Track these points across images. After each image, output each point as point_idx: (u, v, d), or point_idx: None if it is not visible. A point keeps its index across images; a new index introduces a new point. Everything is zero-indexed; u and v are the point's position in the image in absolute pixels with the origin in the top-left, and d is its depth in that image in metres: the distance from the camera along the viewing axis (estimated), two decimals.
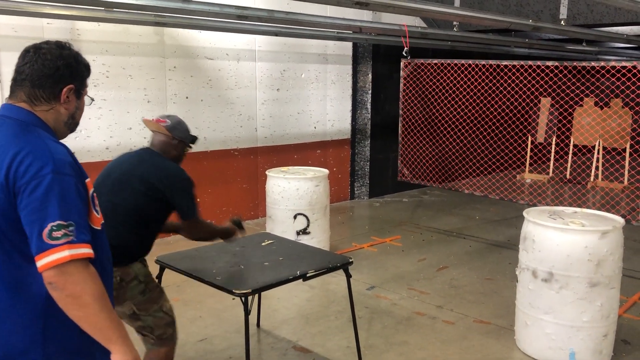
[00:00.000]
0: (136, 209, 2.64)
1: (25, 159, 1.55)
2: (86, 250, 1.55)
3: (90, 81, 1.84)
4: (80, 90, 1.77)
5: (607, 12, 7.09)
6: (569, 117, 9.38)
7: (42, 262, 1.50)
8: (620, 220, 3.63)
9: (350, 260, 3.28)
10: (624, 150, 9.02)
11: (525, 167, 9.57)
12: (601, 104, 9.47)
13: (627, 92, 5.26)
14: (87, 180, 1.69)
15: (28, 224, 1.53)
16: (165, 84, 6.11)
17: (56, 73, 1.68)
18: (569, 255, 3.40)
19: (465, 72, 5.87)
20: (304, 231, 5.18)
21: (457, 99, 6.16)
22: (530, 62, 5.22)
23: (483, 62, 5.48)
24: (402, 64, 6.08)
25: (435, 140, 6.34)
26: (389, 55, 8.05)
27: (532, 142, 9.68)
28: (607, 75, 5.22)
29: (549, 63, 5.11)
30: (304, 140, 7.58)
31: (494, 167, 7.06)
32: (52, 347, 1.62)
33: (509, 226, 6.83)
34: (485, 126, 6.74)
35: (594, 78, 5.22)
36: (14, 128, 1.63)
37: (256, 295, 3.80)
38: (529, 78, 5.54)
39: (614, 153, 9.24)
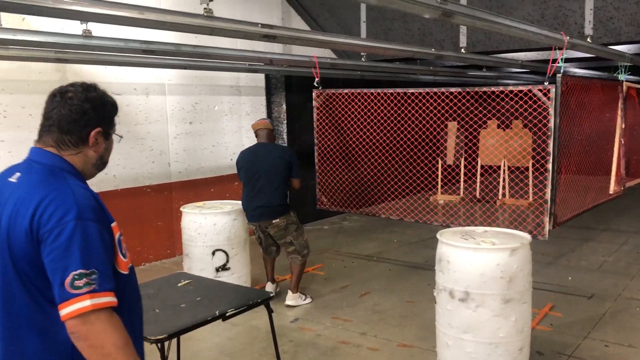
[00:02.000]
0: (283, 176, 4.98)
1: (50, 206, 1.54)
2: (109, 299, 1.53)
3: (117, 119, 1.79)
4: (108, 131, 1.78)
5: (503, 40, 7.56)
6: (475, 140, 9.85)
7: (64, 311, 1.50)
8: (527, 237, 3.81)
9: (271, 294, 3.22)
10: (527, 168, 9.57)
11: (437, 189, 9.91)
12: (503, 125, 10.03)
13: (525, 113, 5.58)
14: (113, 224, 1.68)
15: (51, 271, 1.52)
16: None
17: (83, 117, 1.69)
18: (482, 273, 3.51)
19: (375, 101, 6.02)
20: (224, 267, 5.05)
21: (369, 126, 6.30)
22: (435, 89, 5.43)
23: (391, 90, 5.64)
24: (314, 94, 6.15)
25: (351, 167, 6.44)
26: (302, 85, 8.14)
27: (442, 165, 10.07)
28: (507, 99, 5.52)
29: (453, 89, 5.34)
30: (221, 173, 7.46)
31: (408, 190, 7.25)
32: None
33: (426, 247, 7.01)
34: (398, 151, 6.93)
35: (495, 102, 5.51)
36: (41, 173, 1.64)
37: (174, 339, 3.63)
38: (435, 104, 5.76)
39: (517, 172, 9.77)
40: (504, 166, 9.73)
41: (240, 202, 5.39)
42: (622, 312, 4.84)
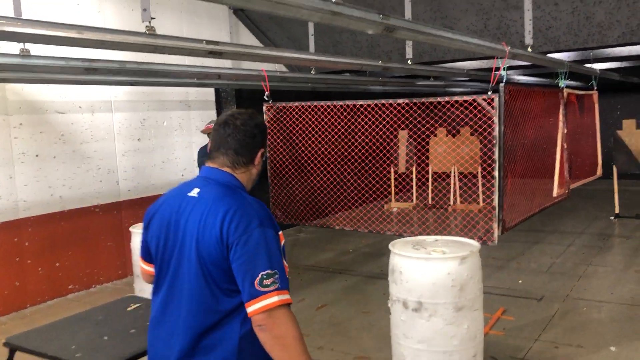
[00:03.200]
0: None
1: (235, 216, 1.80)
2: (288, 297, 1.77)
3: None
4: (265, 151, 2.07)
5: (449, 50, 7.73)
6: (426, 147, 10.02)
7: (254, 307, 1.73)
8: (476, 245, 3.88)
9: None
10: (476, 174, 9.79)
11: (391, 197, 10.02)
12: (452, 133, 10.24)
13: (471, 123, 5.71)
14: (280, 232, 1.89)
15: (241, 272, 1.76)
16: (11, 142, 5.63)
17: (253, 141, 1.99)
18: (435, 283, 3.55)
19: (326, 113, 6.06)
20: None
21: (321, 138, 6.32)
22: (383, 101, 5.50)
23: (341, 102, 5.68)
24: (264, 108, 6.14)
25: (305, 179, 6.44)
26: (252, 99, 8.10)
27: (394, 173, 10.19)
28: (452, 109, 5.64)
29: (400, 101, 5.42)
30: None
31: (362, 199, 7.31)
32: None
33: (381, 256, 7.06)
34: (350, 162, 6.98)
35: (443, 111, 5.64)
36: (220, 189, 1.91)
37: None
38: (384, 115, 5.83)
39: (468, 178, 9.98)
40: (454, 172, 9.93)
41: None
42: (571, 313, 4.99)
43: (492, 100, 4.94)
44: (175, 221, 1.92)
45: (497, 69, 5.16)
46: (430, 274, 3.57)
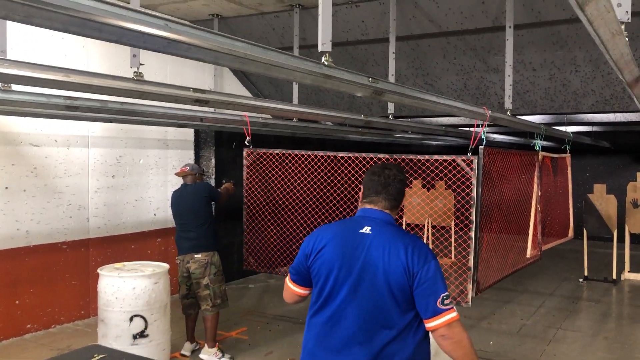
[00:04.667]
0: (206, 212, 5.40)
1: (415, 249, 2.26)
2: (457, 313, 2.25)
3: None
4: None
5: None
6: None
7: (437, 322, 2.20)
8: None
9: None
10: (450, 227, 9.85)
11: None
12: (428, 185, 10.34)
13: (447, 177, 5.75)
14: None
15: (425, 295, 2.21)
16: None
17: (403, 190, 2.49)
18: None
19: (305, 162, 6.06)
20: (142, 334, 4.77)
21: (299, 186, 6.30)
22: (364, 154, 5.53)
23: (321, 153, 5.70)
24: (244, 153, 6.11)
25: (280, 227, 6.37)
26: (232, 141, 8.09)
27: None
28: (428, 164, 5.69)
29: (381, 155, 5.46)
30: (143, 229, 7.18)
31: None
32: None
33: None
34: (327, 211, 6.95)
35: (420, 163, 5.71)
36: (391, 228, 2.37)
37: None
38: (362, 165, 5.85)
39: (440, 233, 10.03)
40: (428, 225, 9.97)
41: (162, 264, 5.21)
42: None
43: (472, 161, 5.00)
44: (350, 253, 2.32)
45: (479, 126, 5.26)
46: None
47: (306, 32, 6.71)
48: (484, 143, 5.16)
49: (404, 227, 10.10)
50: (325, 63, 2.76)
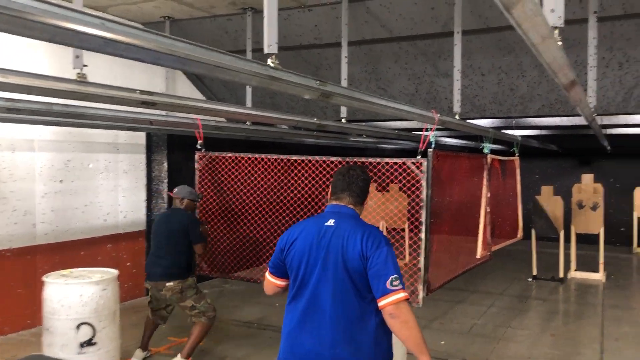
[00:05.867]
0: (182, 242, 5.08)
1: (370, 237, 2.51)
2: (407, 293, 2.44)
3: None
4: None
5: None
6: None
7: (386, 301, 2.41)
8: None
9: None
10: (403, 229, 9.98)
11: None
12: (380, 188, 10.45)
13: (399, 178, 5.82)
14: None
15: (376, 276, 2.44)
16: None
17: (366, 188, 2.78)
18: None
19: (259, 165, 6.04)
20: (89, 342, 4.65)
21: (253, 190, 6.27)
22: (317, 157, 5.56)
23: (274, 156, 5.69)
24: (196, 157, 6.04)
25: (234, 231, 6.32)
26: (185, 144, 7.97)
27: None
28: (379, 167, 5.76)
29: (334, 158, 5.50)
30: (93, 235, 7.00)
31: None
32: (379, 357, 2.54)
33: None
34: (281, 214, 6.94)
35: (372, 166, 5.76)
36: (352, 219, 2.64)
37: None
38: (315, 168, 5.88)
39: (391, 235, 10.15)
40: (382, 227, 10.06)
41: (111, 270, 5.10)
42: None
43: (421, 164, 5.09)
44: (317, 244, 2.58)
45: (428, 130, 5.35)
46: None
47: (260, 35, 6.69)
48: (433, 146, 5.26)
49: None
50: (272, 65, 2.76)
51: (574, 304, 8.08)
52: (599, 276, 9.18)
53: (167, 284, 5.01)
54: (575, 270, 9.41)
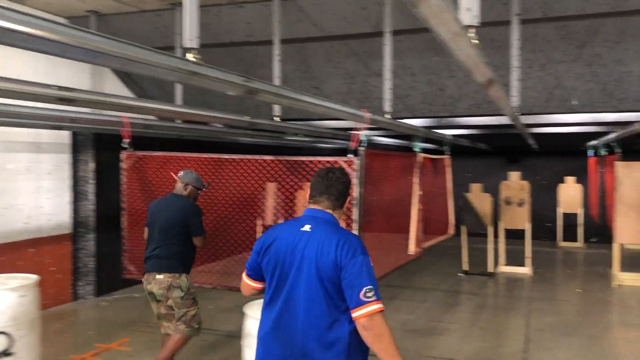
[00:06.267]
0: (178, 232, 4.55)
1: (345, 245, 2.42)
2: (383, 305, 2.38)
3: None
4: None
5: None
6: (293, 200, 10.12)
7: (359, 312, 2.34)
8: None
9: None
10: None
11: None
12: None
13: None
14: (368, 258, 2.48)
15: (350, 287, 2.37)
16: None
17: (346, 191, 2.68)
18: None
19: (190, 165, 5.90)
20: (6, 353, 4.40)
21: None
22: (249, 156, 5.49)
23: (205, 155, 5.58)
24: (123, 156, 5.84)
25: None
26: (113, 143, 7.69)
27: (262, 225, 10.13)
28: (315, 162, 5.75)
29: (267, 157, 5.45)
30: (13, 239, 6.63)
31: (227, 252, 7.12)
32: None
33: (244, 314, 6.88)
34: (215, 214, 6.81)
35: (305, 164, 5.76)
36: (328, 225, 2.54)
37: None
38: (252, 168, 5.81)
39: None
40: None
41: (31, 275, 4.84)
42: None
43: (353, 163, 5.12)
44: (292, 250, 2.51)
45: (359, 129, 5.39)
46: None
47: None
48: (364, 145, 5.30)
49: None
50: (193, 60, 2.69)
51: (502, 297, 8.37)
52: (526, 270, 9.56)
53: (157, 276, 4.52)
54: (504, 264, 9.76)
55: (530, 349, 5.80)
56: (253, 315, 3.64)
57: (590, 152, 12.71)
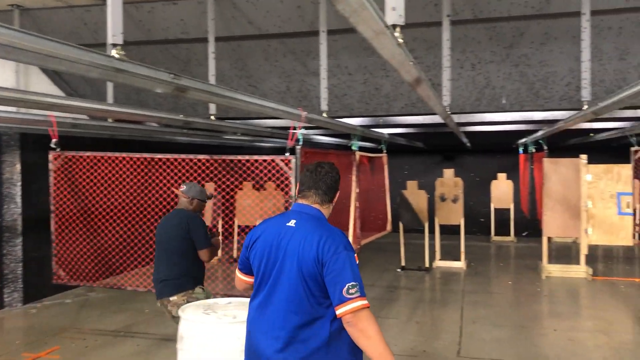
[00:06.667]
0: (181, 247, 4.21)
1: (327, 241, 2.40)
2: (367, 302, 2.35)
3: None
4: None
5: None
6: (232, 200, 10.03)
7: (343, 309, 2.32)
8: None
9: None
10: None
11: None
12: (257, 186, 10.42)
13: (277, 175, 5.83)
14: (355, 255, 2.45)
15: (332, 284, 2.36)
16: None
17: (335, 185, 2.65)
18: (223, 349, 3.45)
19: (122, 165, 5.73)
20: None
21: (116, 191, 5.94)
22: (183, 156, 5.39)
23: (138, 155, 5.44)
24: (51, 157, 5.61)
25: (96, 235, 5.96)
26: (42, 143, 7.38)
27: None
28: (252, 161, 5.72)
29: (201, 156, 5.36)
30: None
31: None
32: None
33: None
34: (150, 215, 6.65)
35: (242, 163, 5.70)
36: (313, 220, 2.53)
37: None
38: (188, 168, 5.70)
39: None
40: (235, 224, 10.02)
41: None
42: None
43: (289, 161, 5.12)
44: (276, 244, 2.51)
45: (295, 129, 5.40)
46: (218, 340, 3.46)
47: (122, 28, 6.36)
48: (301, 143, 5.32)
49: (235, 229, 10.07)
50: (117, 56, 2.61)
51: (438, 292, 8.59)
52: (460, 264, 9.84)
53: (171, 299, 4.17)
54: (440, 259, 10.02)
55: (464, 341, 5.98)
56: (187, 318, 3.57)
57: (520, 150, 13.24)
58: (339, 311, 2.34)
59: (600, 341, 5.92)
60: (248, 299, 4.13)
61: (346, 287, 2.32)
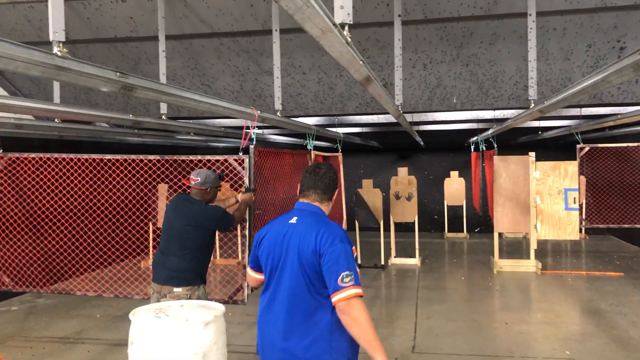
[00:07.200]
0: (197, 239, 4.22)
1: (325, 234, 2.63)
2: (361, 290, 2.54)
3: None
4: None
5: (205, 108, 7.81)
6: None
7: (337, 297, 2.51)
8: (221, 308, 3.83)
9: None
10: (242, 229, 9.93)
11: (149, 253, 9.58)
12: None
13: (230, 175, 5.74)
14: (353, 247, 2.67)
15: (328, 273, 2.56)
16: None
17: (333, 184, 2.91)
18: (175, 352, 3.38)
19: (70, 167, 5.56)
20: None
21: (63, 193, 5.76)
22: (133, 156, 5.26)
23: (86, 156, 5.28)
24: None
25: (42, 240, 5.76)
26: None
27: (153, 228, 9.79)
28: (204, 161, 5.63)
29: (152, 157, 5.25)
30: None
31: (113, 258, 6.80)
32: (335, 354, 2.62)
33: None
34: (100, 218, 6.48)
35: (194, 163, 5.62)
36: (313, 217, 2.76)
37: None
38: (139, 169, 5.57)
39: (229, 237, 10.06)
40: None
41: None
42: None
43: (243, 161, 5.07)
44: (280, 241, 2.72)
45: (248, 128, 5.35)
46: (170, 343, 3.39)
47: (68, 25, 6.17)
48: (254, 143, 5.27)
49: None
50: (59, 54, 2.52)
51: (394, 289, 8.68)
52: (415, 261, 9.99)
53: (175, 290, 4.17)
54: (395, 256, 10.13)
55: (418, 337, 6.06)
56: (137, 322, 3.49)
57: (472, 148, 13.54)
58: (334, 299, 2.51)
59: (549, 333, 6.11)
60: (201, 302, 4.09)
61: (341, 276, 2.50)
